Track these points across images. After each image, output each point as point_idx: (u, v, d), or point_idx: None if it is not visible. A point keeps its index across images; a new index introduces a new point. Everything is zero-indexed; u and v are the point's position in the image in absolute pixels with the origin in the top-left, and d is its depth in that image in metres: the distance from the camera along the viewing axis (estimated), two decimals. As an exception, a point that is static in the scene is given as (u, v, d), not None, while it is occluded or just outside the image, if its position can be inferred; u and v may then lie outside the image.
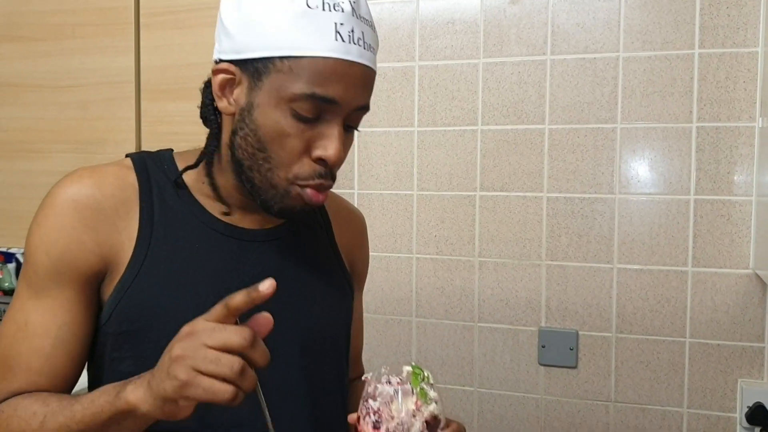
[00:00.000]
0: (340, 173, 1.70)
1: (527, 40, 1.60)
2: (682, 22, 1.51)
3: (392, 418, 0.72)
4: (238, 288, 0.85)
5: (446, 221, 1.68)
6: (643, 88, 1.53)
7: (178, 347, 0.64)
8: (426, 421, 0.72)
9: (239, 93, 0.80)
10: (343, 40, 0.76)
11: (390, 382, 0.74)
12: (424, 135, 1.68)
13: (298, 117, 0.77)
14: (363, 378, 0.77)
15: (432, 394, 0.74)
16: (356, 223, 1.08)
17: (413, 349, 1.71)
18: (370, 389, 0.75)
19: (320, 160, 0.79)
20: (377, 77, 0.81)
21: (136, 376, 0.70)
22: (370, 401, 0.74)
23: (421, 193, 1.69)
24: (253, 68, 0.78)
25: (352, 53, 0.77)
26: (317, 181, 0.80)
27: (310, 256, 0.94)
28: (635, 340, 1.56)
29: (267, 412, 0.70)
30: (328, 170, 0.81)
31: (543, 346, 1.61)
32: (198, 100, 0.92)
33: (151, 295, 0.80)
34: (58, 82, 1.64)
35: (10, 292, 2.20)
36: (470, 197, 1.65)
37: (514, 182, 1.62)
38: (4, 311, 2.16)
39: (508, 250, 1.63)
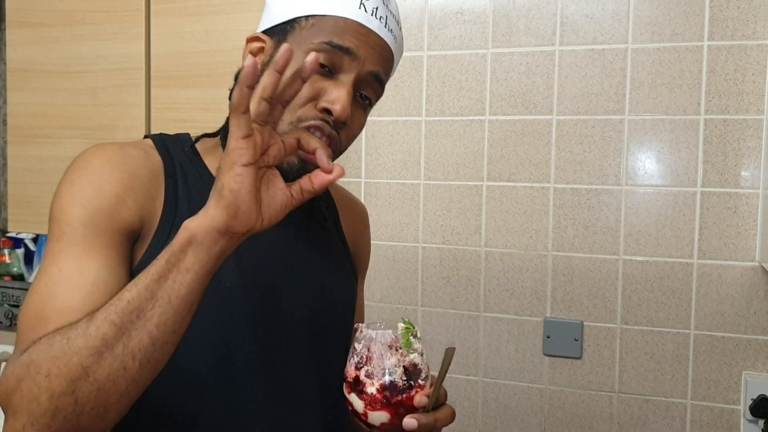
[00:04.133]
0: (348, 162, 1.72)
1: (536, 31, 1.60)
2: (691, 14, 1.50)
3: (373, 359, 0.73)
4: (255, 268, 0.86)
5: (453, 211, 1.68)
6: (652, 79, 1.53)
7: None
8: (405, 367, 0.73)
9: (266, 58, 0.84)
10: (366, 11, 0.81)
11: (382, 329, 0.76)
12: (432, 125, 1.69)
13: None
14: (354, 326, 0.79)
15: (416, 345, 0.75)
16: (359, 213, 1.12)
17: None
18: (357, 333, 0.77)
19: (325, 111, 0.80)
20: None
21: None
22: (356, 344, 0.76)
23: (428, 182, 1.70)
24: (281, 30, 0.83)
25: (373, 24, 0.82)
26: (317, 122, 0.80)
27: (320, 241, 0.96)
28: (640, 332, 1.56)
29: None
30: (332, 123, 0.81)
31: (548, 337, 1.61)
32: (208, 86, 0.94)
33: None
34: (69, 68, 1.65)
35: (18, 278, 2.21)
36: (477, 187, 1.66)
37: (521, 173, 1.63)
38: (13, 296, 2.18)
39: (514, 240, 1.64)
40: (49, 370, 0.62)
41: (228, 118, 0.89)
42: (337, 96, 0.80)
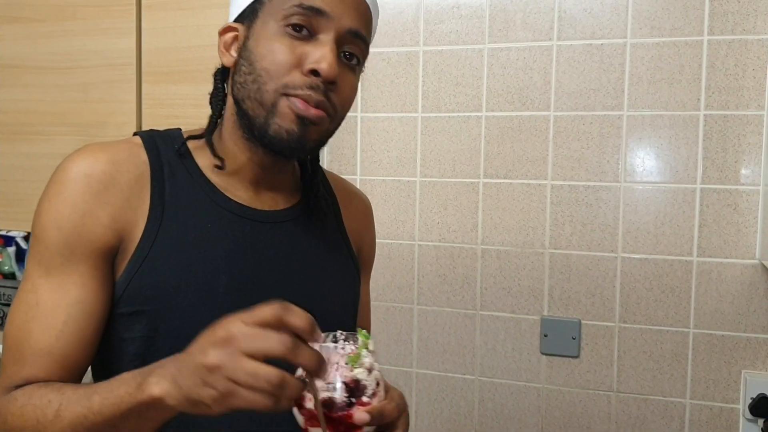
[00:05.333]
0: (343, 158, 1.70)
1: (533, 26, 1.58)
2: (691, 8, 1.48)
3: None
4: (249, 269, 0.84)
5: (449, 208, 1.66)
6: (651, 75, 1.51)
7: (214, 355, 0.60)
8: (345, 383, 0.69)
9: (240, 44, 0.82)
10: None
11: (336, 343, 0.72)
12: (428, 121, 1.67)
13: (289, 34, 0.78)
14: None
15: (366, 360, 0.71)
16: (363, 207, 1.07)
17: (414, 336, 1.70)
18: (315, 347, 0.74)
19: (312, 73, 0.78)
20: (381, 62, 0.81)
21: (154, 364, 0.66)
22: None
23: (424, 179, 1.68)
24: (251, 11, 0.81)
25: None
26: (307, 92, 0.78)
27: (320, 238, 0.93)
28: (638, 330, 1.55)
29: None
30: (323, 85, 0.79)
31: (545, 335, 1.60)
32: (201, 82, 0.93)
33: (162, 275, 0.79)
34: (59, 64, 1.63)
35: (10, 276, 2.19)
36: (474, 184, 1.64)
37: (518, 169, 1.61)
38: (4, 295, 2.16)
39: (511, 237, 1.62)
40: None
41: (211, 119, 0.87)
42: (321, 55, 0.78)
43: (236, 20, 0.84)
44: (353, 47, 0.82)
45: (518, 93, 1.60)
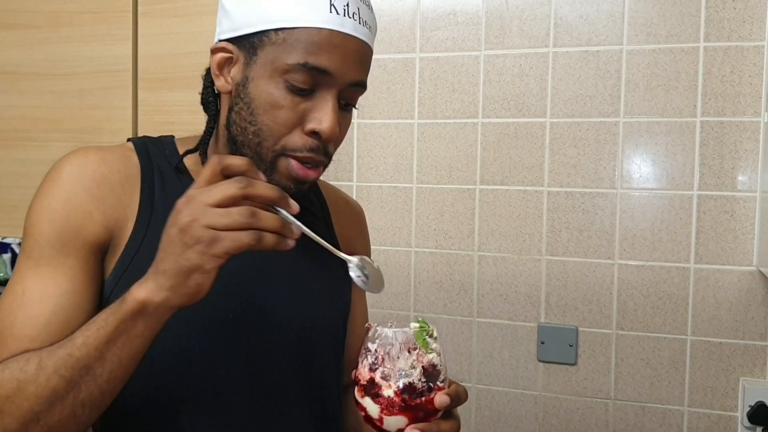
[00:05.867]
0: (339, 165, 1.70)
1: (529, 32, 1.58)
2: (687, 15, 1.48)
3: (390, 360, 0.69)
4: (236, 272, 0.83)
5: (446, 215, 1.66)
6: (647, 81, 1.51)
7: (182, 216, 0.63)
8: (423, 368, 0.69)
9: (236, 71, 0.80)
10: (338, 13, 0.76)
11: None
12: (424, 127, 1.66)
13: (291, 89, 0.76)
14: (366, 325, 0.75)
15: (434, 345, 0.71)
16: (355, 215, 1.07)
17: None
18: (370, 333, 0.73)
19: (313, 134, 0.77)
20: (377, 68, 0.80)
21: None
22: (369, 344, 0.72)
23: (420, 186, 1.67)
24: (249, 44, 0.78)
25: (347, 26, 0.77)
26: (306, 154, 0.78)
27: (308, 246, 0.92)
28: (636, 337, 1.54)
29: (321, 240, 0.71)
30: (322, 145, 0.78)
31: (542, 342, 1.59)
32: (196, 88, 0.91)
33: None
34: (55, 71, 1.63)
35: (4, 283, 2.18)
36: (470, 191, 1.63)
37: (514, 176, 1.60)
38: (0, 302, 2.14)
39: (507, 244, 1.61)
40: (2, 408, 0.67)
41: (208, 127, 0.86)
42: (322, 115, 0.77)
43: (232, 40, 0.80)
44: (353, 95, 0.81)
45: (514, 99, 1.60)
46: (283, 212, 0.67)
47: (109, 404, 0.69)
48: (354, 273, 0.75)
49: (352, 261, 0.75)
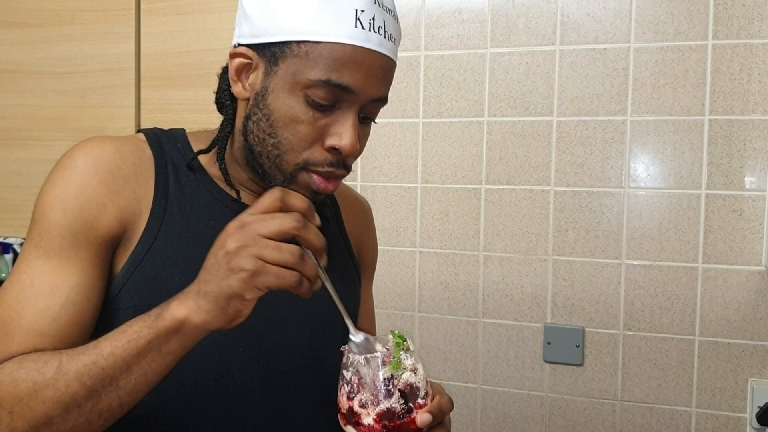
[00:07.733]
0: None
1: (536, 30, 1.57)
2: (695, 12, 1.47)
3: (365, 388, 0.68)
4: None
5: (451, 215, 1.64)
6: (655, 79, 1.50)
7: (232, 240, 0.63)
8: (400, 390, 0.68)
9: (255, 78, 0.78)
10: (363, 28, 0.74)
11: (370, 351, 0.70)
12: (429, 126, 1.65)
13: (312, 104, 0.74)
14: (341, 348, 0.74)
15: (408, 362, 0.69)
16: (363, 211, 1.07)
17: (415, 344, 1.68)
18: (344, 359, 0.72)
19: (333, 150, 0.76)
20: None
21: (174, 297, 0.66)
22: (344, 371, 0.71)
23: (425, 185, 1.66)
24: (270, 53, 0.76)
25: (372, 41, 0.75)
26: (327, 169, 0.77)
27: None
28: (643, 338, 1.52)
29: (339, 303, 0.71)
30: (341, 160, 0.77)
31: (548, 343, 1.58)
32: (199, 87, 0.90)
33: (164, 270, 0.78)
34: (57, 69, 1.62)
35: (7, 283, 2.17)
36: (475, 190, 1.62)
37: (520, 175, 1.59)
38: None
39: (513, 244, 1.60)
40: (13, 409, 0.65)
41: (222, 127, 0.85)
42: (343, 133, 0.75)
43: (252, 46, 0.78)
44: (374, 110, 0.80)
45: (521, 98, 1.58)
46: (314, 260, 0.67)
47: (123, 414, 0.68)
48: (352, 343, 0.74)
49: (357, 337, 0.74)
